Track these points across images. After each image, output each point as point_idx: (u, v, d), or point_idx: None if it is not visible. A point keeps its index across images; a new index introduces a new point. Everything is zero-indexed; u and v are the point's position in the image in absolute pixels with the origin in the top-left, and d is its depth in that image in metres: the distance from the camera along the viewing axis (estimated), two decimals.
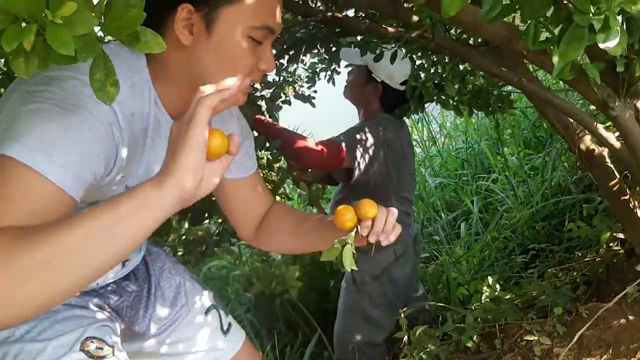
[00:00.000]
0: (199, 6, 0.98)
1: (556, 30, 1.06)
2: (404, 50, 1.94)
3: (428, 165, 4.67)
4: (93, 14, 0.67)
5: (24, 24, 0.62)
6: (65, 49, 0.62)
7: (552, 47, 1.14)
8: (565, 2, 0.83)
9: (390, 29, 1.89)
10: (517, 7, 1.09)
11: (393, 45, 1.89)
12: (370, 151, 2.41)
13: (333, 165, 2.40)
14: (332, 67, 3.03)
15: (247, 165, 1.35)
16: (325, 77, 3.08)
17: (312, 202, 2.87)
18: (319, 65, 3.08)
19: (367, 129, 2.41)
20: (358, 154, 2.39)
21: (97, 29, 0.70)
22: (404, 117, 2.67)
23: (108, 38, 0.86)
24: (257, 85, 2.45)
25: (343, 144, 2.34)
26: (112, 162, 0.98)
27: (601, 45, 0.79)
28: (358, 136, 2.42)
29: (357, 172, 2.41)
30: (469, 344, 2.06)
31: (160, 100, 1.06)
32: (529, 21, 1.11)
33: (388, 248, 2.61)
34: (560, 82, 3.90)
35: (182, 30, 0.99)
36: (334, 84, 3.07)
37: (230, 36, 1.01)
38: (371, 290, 2.66)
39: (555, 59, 1.15)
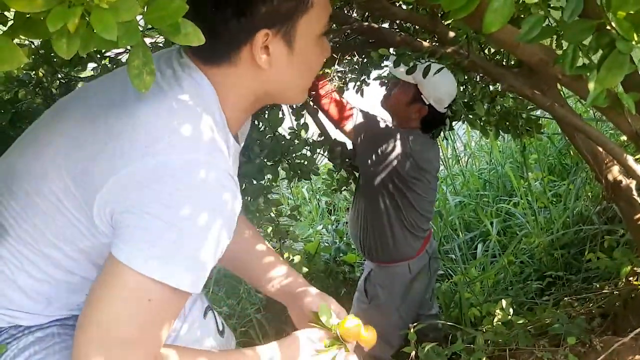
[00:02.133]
0: (276, 27, 0.95)
1: (595, 57, 1.05)
2: (446, 69, 1.96)
3: (450, 183, 4.64)
4: (137, 1, 0.68)
5: (69, 6, 0.63)
6: (108, 34, 0.63)
7: (588, 73, 1.13)
8: (608, 28, 0.82)
9: (425, 44, 1.89)
10: (557, 30, 1.08)
11: (427, 60, 1.88)
12: (393, 156, 2.41)
13: (335, 116, 2.55)
14: (362, 78, 3.03)
15: None
16: (354, 87, 3.07)
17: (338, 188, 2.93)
18: (349, 75, 3.07)
19: (397, 134, 2.42)
20: (366, 137, 2.49)
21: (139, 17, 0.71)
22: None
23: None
24: None
25: (356, 113, 2.52)
26: None
27: None
28: (380, 124, 2.54)
29: (363, 162, 2.51)
30: None
31: (228, 125, 1.03)
32: (566, 45, 1.11)
33: (403, 264, 2.61)
34: (590, 111, 3.87)
35: (260, 56, 0.96)
36: (362, 95, 3.07)
37: (310, 44, 1.01)
38: (383, 305, 2.64)
39: (591, 85, 1.14)
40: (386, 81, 2.89)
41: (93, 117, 0.96)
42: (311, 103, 2.59)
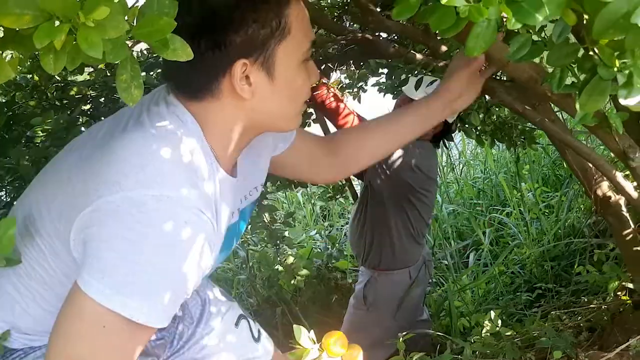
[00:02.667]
0: (253, 56, 0.95)
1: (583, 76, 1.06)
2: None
3: (444, 191, 4.65)
4: (126, 18, 0.69)
5: (57, 23, 0.64)
6: (93, 52, 0.63)
7: (576, 92, 1.14)
8: (591, 53, 0.83)
9: (419, 56, 1.90)
10: (545, 49, 1.09)
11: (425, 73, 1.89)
12: (403, 169, 2.42)
13: (336, 116, 2.49)
14: (359, 85, 3.04)
15: (288, 136, 1.34)
16: (351, 94, 3.09)
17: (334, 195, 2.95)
18: (347, 80, 3.08)
19: (407, 147, 2.41)
20: None
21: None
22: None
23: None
24: None
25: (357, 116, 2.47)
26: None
27: (622, 102, 0.79)
28: None
29: (372, 175, 2.47)
30: None
31: (220, 165, 1.03)
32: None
33: (404, 270, 2.62)
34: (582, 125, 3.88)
35: (241, 87, 0.96)
36: (359, 101, 3.08)
37: (291, 71, 1.00)
38: (382, 312, 2.65)
39: (578, 105, 1.15)
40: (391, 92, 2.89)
41: (88, 155, 0.99)
42: (313, 111, 2.60)
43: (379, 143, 1.44)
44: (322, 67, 2.69)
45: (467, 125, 2.47)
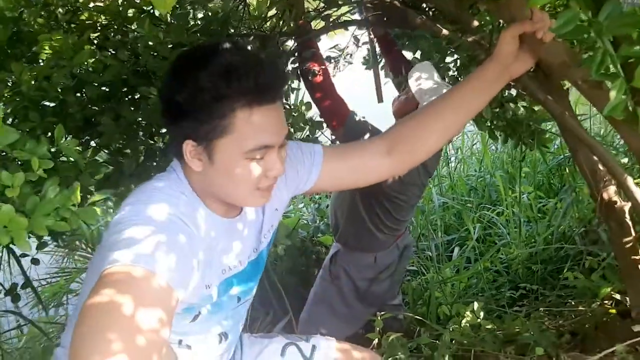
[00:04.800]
0: (199, 141, 1.11)
1: None
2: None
3: (437, 184, 4.62)
4: None
5: None
6: None
7: (611, 82, 1.10)
8: None
9: (445, 31, 1.85)
10: (589, 28, 1.05)
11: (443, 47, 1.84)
12: None
13: (329, 116, 2.34)
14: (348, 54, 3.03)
15: (314, 162, 1.40)
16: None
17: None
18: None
19: None
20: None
21: None
22: None
23: None
24: None
25: (353, 118, 2.32)
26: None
27: None
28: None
29: None
30: None
31: (207, 207, 1.20)
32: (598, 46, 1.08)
33: (369, 255, 2.58)
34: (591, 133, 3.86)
35: (191, 159, 1.14)
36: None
37: (230, 162, 1.12)
38: (344, 287, 2.62)
39: (612, 94, 1.11)
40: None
41: None
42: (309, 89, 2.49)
43: (439, 127, 1.40)
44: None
45: (480, 118, 2.43)
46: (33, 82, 1.72)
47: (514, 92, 2.32)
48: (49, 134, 1.72)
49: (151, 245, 0.96)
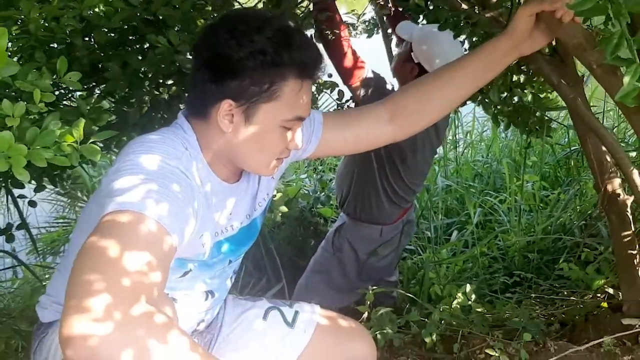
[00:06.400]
0: (240, 102, 1.13)
1: None
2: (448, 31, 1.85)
3: (442, 165, 4.60)
4: None
5: None
6: None
7: (626, 67, 1.07)
8: None
9: (464, 5, 1.81)
10: (608, 7, 1.02)
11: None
12: None
13: (347, 74, 2.33)
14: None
15: (313, 130, 1.40)
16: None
17: None
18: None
19: None
20: (372, 95, 2.31)
21: None
22: None
23: None
24: None
25: (370, 76, 2.32)
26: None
27: None
28: (387, 86, 2.39)
29: None
30: (427, 340, 2.02)
31: (210, 167, 1.20)
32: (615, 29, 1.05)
33: (376, 227, 2.57)
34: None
35: (222, 120, 1.14)
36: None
37: (265, 127, 1.15)
38: (345, 260, 2.63)
39: (626, 79, 1.08)
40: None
41: None
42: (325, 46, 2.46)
43: (443, 99, 1.41)
44: None
45: (487, 101, 2.39)
46: (41, 22, 1.69)
47: (522, 78, 2.28)
48: (54, 76, 1.70)
49: (146, 192, 0.96)
